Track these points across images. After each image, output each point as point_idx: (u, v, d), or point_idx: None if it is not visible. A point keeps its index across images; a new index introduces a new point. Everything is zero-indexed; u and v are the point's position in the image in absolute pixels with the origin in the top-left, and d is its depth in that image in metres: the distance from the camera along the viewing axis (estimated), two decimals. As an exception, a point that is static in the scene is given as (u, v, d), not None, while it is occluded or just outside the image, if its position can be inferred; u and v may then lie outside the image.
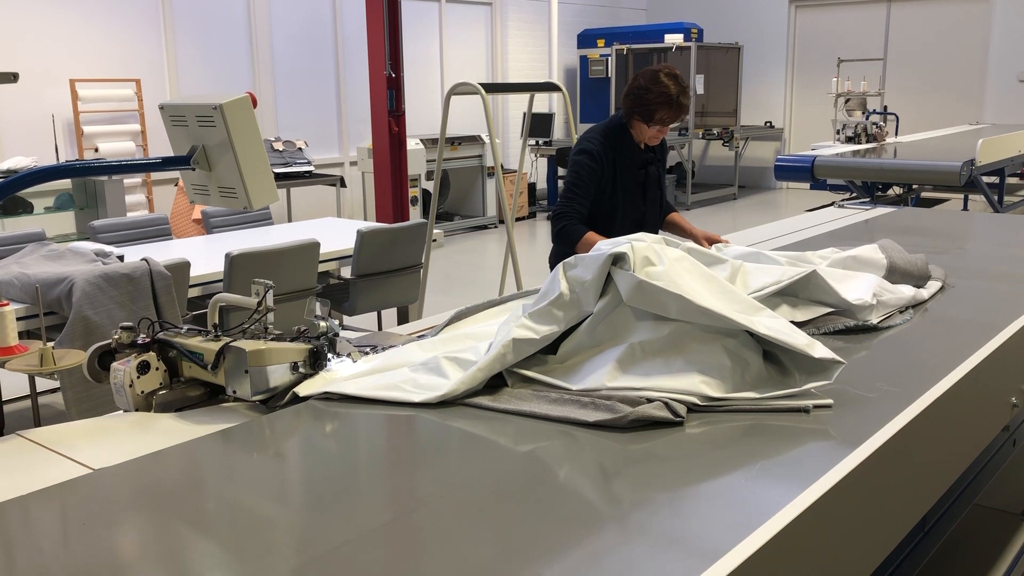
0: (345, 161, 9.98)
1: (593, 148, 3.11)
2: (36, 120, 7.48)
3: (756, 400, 1.52)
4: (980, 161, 5.53)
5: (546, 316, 1.68)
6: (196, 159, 1.81)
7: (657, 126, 3.07)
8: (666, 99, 2.98)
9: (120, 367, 1.61)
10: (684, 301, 1.58)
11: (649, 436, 1.42)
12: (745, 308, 1.66)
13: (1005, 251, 2.96)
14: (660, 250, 1.73)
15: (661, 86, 2.97)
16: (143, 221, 5.05)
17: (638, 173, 3.20)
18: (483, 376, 1.60)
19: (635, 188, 3.20)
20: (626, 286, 1.64)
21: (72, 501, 1.27)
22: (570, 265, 1.72)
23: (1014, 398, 1.99)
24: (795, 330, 1.62)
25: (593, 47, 12.72)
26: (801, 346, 1.56)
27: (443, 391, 1.57)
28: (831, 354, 1.57)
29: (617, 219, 3.16)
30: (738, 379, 1.57)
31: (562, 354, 1.70)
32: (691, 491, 1.25)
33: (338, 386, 1.64)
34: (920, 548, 1.75)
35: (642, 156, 3.21)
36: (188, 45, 8.50)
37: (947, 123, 10.46)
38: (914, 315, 2.08)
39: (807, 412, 1.49)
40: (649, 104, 3.01)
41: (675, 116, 3.03)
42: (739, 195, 12.62)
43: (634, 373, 1.57)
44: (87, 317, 3.35)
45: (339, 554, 1.08)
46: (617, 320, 1.69)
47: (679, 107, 3.00)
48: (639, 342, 1.62)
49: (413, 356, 1.78)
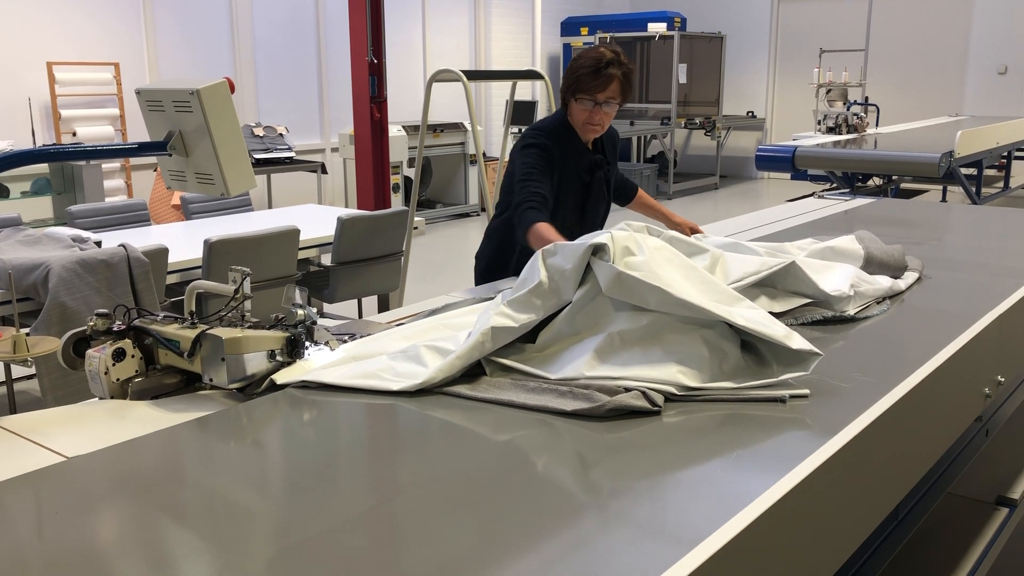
0: (326, 147, 9.93)
1: (542, 142, 2.69)
2: (12, 104, 7.38)
3: (733, 390, 1.53)
4: (959, 153, 5.57)
5: (525, 304, 1.68)
6: (173, 145, 1.79)
7: (586, 100, 2.63)
8: (592, 64, 2.60)
9: (95, 354, 1.60)
10: (662, 293, 1.59)
11: (627, 425, 1.42)
12: (724, 299, 1.66)
13: (982, 242, 2.99)
14: (641, 239, 1.73)
15: (592, 53, 2.62)
16: (121, 206, 5.00)
17: (582, 177, 2.79)
18: (461, 364, 1.60)
19: (571, 197, 2.78)
20: (605, 277, 1.64)
21: (46, 489, 1.26)
22: (550, 252, 1.72)
23: (987, 388, 2.01)
24: (774, 321, 1.63)
25: (577, 35, 12.69)
26: (779, 337, 1.57)
27: (421, 379, 1.57)
28: (809, 345, 1.57)
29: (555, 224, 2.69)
30: (716, 369, 1.57)
31: (541, 343, 1.70)
32: (669, 479, 1.25)
33: (316, 375, 1.63)
34: (894, 536, 1.77)
35: (589, 158, 2.80)
36: (168, 29, 8.41)
37: (927, 115, 10.53)
38: (891, 306, 2.09)
39: (783, 402, 1.50)
40: (575, 72, 2.64)
41: (601, 84, 2.60)
42: (720, 185, 12.67)
43: (612, 363, 1.58)
44: (64, 303, 3.32)
45: (317, 542, 1.08)
46: (596, 309, 1.69)
47: (606, 77, 2.59)
48: (618, 331, 1.62)
49: (391, 345, 1.78)
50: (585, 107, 2.64)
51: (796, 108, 12.79)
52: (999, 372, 2.07)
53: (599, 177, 2.81)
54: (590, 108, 2.63)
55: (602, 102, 2.61)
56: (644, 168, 11.44)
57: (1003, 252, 2.81)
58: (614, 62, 2.58)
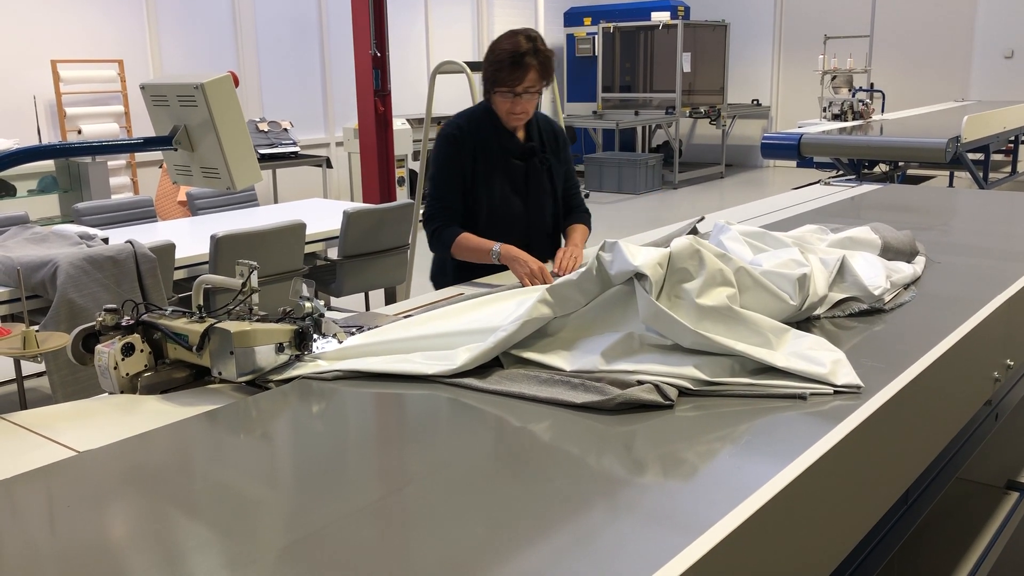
0: (331, 141, 9.92)
1: (451, 132, 2.65)
2: (17, 102, 7.40)
3: (750, 386, 1.51)
4: (965, 138, 5.54)
5: (567, 295, 1.68)
6: (178, 139, 1.79)
7: (505, 91, 2.56)
8: (508, 57, 2.52)
9: (104, 349, 1.60)
10: (699, 336, 1.56)
11: (638, 418, 1.41)
12: (771, 332, 1.62)
13: (990, 227, 2.98)
14: (706, 256, 1.67)
15: (507, 43, 2.54)
16: (128, 203, 5.01)
17: (513, 165, 2.67)
18: (502, 348, 1.62)
19: (507, 184, 2.67)
20: (645, 309, 1.61)
21: (58, 484, 1.27)
22: (608, 247, 1.70)
23: (997, 372, 2.01)
24: (823, 346, 1.61)
25: (580, 25, 12.65)
26: (823, 375, 1.51)
27: (459, 363, 1.59)
28: (854, 379, 1.51)
29: (481, 220, 2.65)
30: (736, 367, 1.56)
31: (560, 333, 1.70)
32: (678, 467, 1.26)
33: (347, 364, 1.65)
34: (903, 521, 1.77)
35: (520, 145, 2.68)
36: (171, 25, 8.41)
37: (933, 100, 10.48)
38: (917, 291, 2.09)
39: (804, 399, 1.47)
40: (491, 64, 2.57)
41: (519, 77, 2.52)
42: (726, 173, 12.63)
43: (629, 359, 1.58)
44: (72, 300, 3.33)
45: (327, 533, 1.08)
46: (623, 309, 1.69)
47: (523, 68, 2.51)
48: (639, 334, 1.63)
49: (400, 333, 1.78)
50: (506, 99, 2.58)
51: (801, 95, 12.74)
52: (1008, 356, 2.07)
53: (535, 164, 2.70)
54: (511, 99, 2.57)
55: (521, 92, 2.56)
56: (649, 158, 11.41)
57: (1011, 236, 2.80)
58: (529, 51, 2.51)
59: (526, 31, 2.57)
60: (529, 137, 2.72)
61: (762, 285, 1.75)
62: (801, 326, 1.81)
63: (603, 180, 11.30)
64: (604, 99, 12.43)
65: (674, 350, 1.59)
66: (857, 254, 2.16)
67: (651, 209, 10.09)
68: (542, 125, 2.77)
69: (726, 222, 2.19)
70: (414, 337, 1.75)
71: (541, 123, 2.76)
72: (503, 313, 1.79)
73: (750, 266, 1.79)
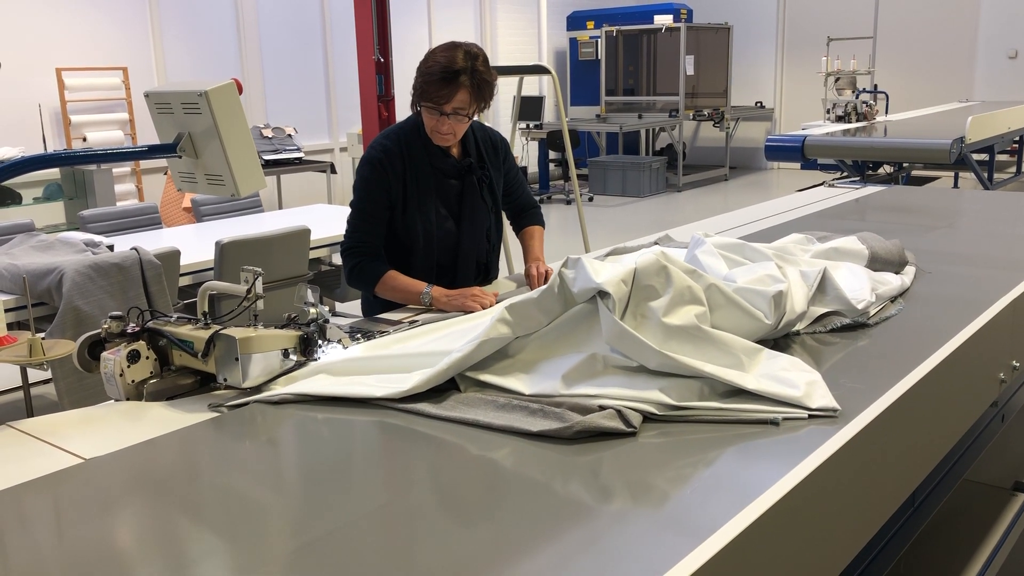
0: (335, 147, 9.94)
1: (376, 156, 2.37)
2: (22, 110, 7.43)
3: (720, 410, 1.42)
4: (970, 138, 5.53)
5: (527, 314, 1.61)
6: (182, 147, 1.80)
7: (431, 107, 2.29)
8: (439, 72, 2.25)
9: (110, 356, 1.61)
10: (666, 357, 1.49)
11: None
12: (742, 353, 1.55)
13: (995, 228, 2.97)
14: (673, 273, 1.59)
15: (442, 56, 2.26)
16: (133, 210, 5.02)
17: (448, 185, 2.43)
18: (455, 370, 1.56)
19: (442, 206, 2.43)
20: (608, 329, 1.53)
21: (65, 491, 1.27)
22: (570, 263, 1.62)
23: (1002, 374, 2.00)
24: (797, 366, 1.54)
25: (583, 29, 12.66)
26: (797, 398, 1.43)
27: (408, 386, 1.54)
28: (831, 402, 1.43)
29: (418, 247, 2.40)
30: (705, 389, 1.49)
31: (520, 354, 1.63)
32: (682, 473, 1.25)
33: (298, 387, 1.60)
34: (910, 523, 1.77)
35: (454, 164, 2.44)
36: (175, 32, 8.44)
37: (937, 101, 10.45)
38: (905, 304, 2.04)
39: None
40: (421, 75, 2.30)
41: (447, 95, 2.26)
42: (730, 176, 12.62)
43: (591, 382, 1.50)
44: (78, 307, 3.34)
45: (333, 538, 1.08)
46: (585, 330, 1.62)
47: (454, 86, 2.25)
48: (602, 355, 1.56)
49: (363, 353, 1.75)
50: (432, 115, 2.31)
51: (805, 97, 12.72)
52: (1014, 357, 2.06)
53: (471, 183, 2.46)
54: (436, 117, 2.30)
55: (449, 113, 2.28)
56: (653, 161, 11.41)
57: (1016, 237, 2.79)
58: (465, 70, 2.24)
59: (468, 46, 2.29)
60: (465, 152, 2.47)
61: (735, 303, 1.65)
62: (780, 342, 1.74)
63: (607, 183, 11.31)
64: (607, 102, 12.44)
65: (639, 372, 1.51)
66: (841, 265, 2.08)
67: (655, 212, 10.08)
68: (478, 136, 2.51)
69: (704, 234, 2.06)
70: (374, 357, 1.70)
71: (477, 133, 2.50)
72: (471, 333, 1.69)
73: (722, 283, 1.69)
